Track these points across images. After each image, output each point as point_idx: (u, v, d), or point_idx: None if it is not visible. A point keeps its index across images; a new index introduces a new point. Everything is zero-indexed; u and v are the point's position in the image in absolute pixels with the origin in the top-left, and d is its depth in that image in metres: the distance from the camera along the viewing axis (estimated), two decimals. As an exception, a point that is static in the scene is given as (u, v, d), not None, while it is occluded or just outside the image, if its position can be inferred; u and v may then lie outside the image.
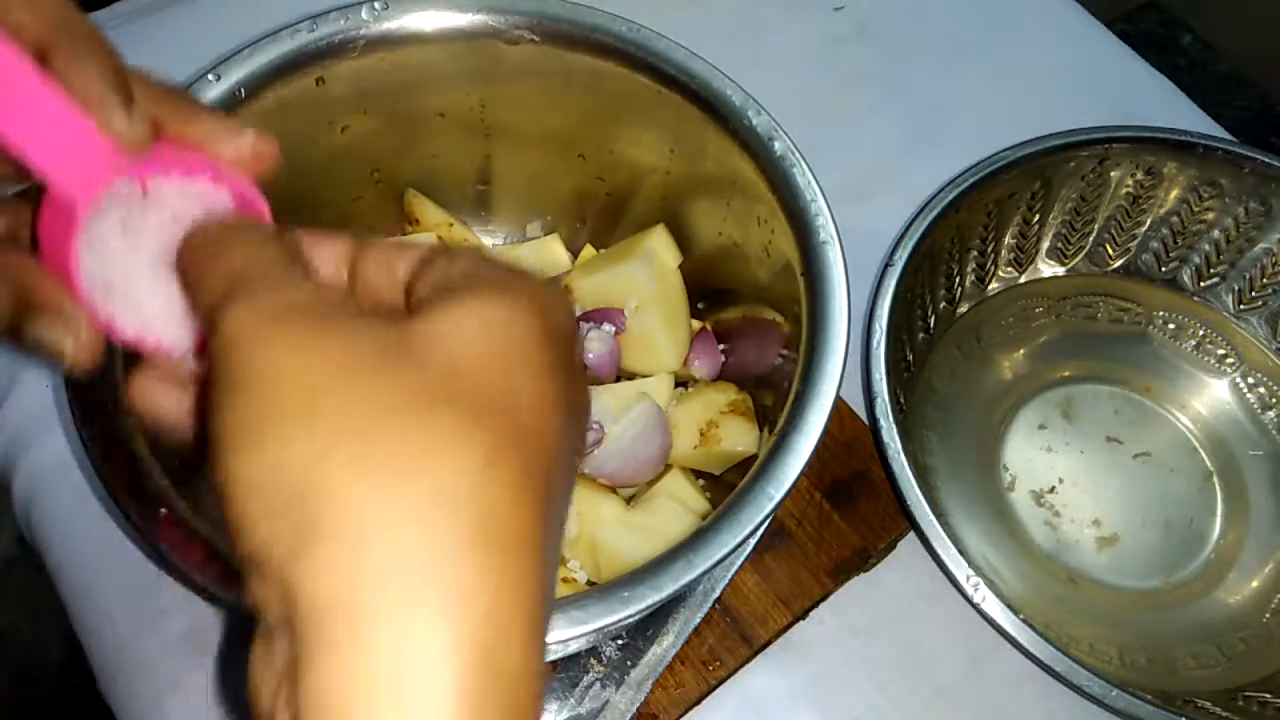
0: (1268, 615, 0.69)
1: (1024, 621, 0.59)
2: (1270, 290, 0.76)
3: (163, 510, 0.46)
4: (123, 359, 0.51)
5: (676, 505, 0.62)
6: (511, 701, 0.25)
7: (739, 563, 0.63)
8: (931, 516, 0.61)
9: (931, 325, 0.75)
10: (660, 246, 0.68)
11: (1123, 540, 0.72)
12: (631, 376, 0.68)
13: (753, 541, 0.63)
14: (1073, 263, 0.80)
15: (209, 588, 0.45)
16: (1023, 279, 0.79)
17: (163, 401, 0.36)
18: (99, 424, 0.48)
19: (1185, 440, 0.75)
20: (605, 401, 0.64)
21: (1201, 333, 0.78)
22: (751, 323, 0.65)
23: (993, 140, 0.74)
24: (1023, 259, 0.79)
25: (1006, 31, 0.95)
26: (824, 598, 0.66)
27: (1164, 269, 0.79)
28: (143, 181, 0.34)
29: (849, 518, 0.67)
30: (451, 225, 0.70)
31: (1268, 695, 0.64)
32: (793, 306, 0.56)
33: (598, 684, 0.60)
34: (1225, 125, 0.88)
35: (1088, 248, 0.79)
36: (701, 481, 0.66)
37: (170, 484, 0.48)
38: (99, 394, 0.49)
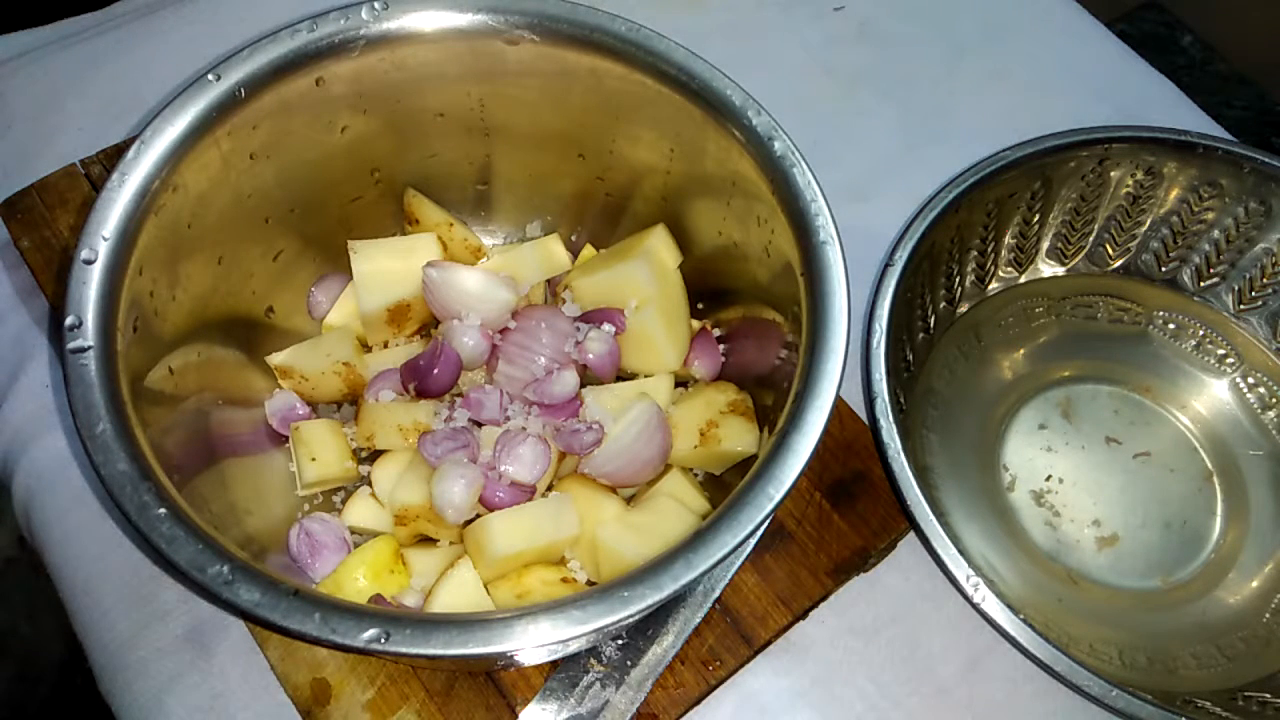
0: (1268, 615, 0.69)
1: (1024, 621, 0.59)
2: (1270, 290, 0.76)
3: (162, 510, 0.46)
4: (122, 355, 0.51)
5: (676, 505, 0.61)
6: None
7: (739, 563, 0.63)
8: (931, 516, 0.61)
9: (931, 325, 0.75)
10: (660, 246, 0.68)
11: (1123, 540, 0.72)
12: (631, 376, 0.68)
13: (753, 541, 0.63)
14: (1073, 263, 0.80)
15: (209, 587, 0.45)
16: (1023, 279, 0.79)
17: None
18: (101, 423, 0.48)
19: (1185, 440, 0.75)
20: (605, 401, 0.64)
21: (1201, 333, 0.78)
22: (751, 323, 0.65)
23: (993, 140, 0.74)
24: (1023, 259, 0.79)
25: (1006, 31, 0.95)
26: (824, 598, 0.66)
27: (1164, 269, 0.79)
28: None
29: (849, 518, 0.67)
30: (451, 225, 0.70)
31: (1268, 695, 0.64)
32: (793, 306, 0.56)
33: (598, 684, 0.60)
34: (1225, 125, 0.88)
35: (1088, 248, 0.79)
36: (701, 481, 0.66)
37: (172, 482, 0.49)
38: (100, 393, 0.49)
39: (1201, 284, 0.78)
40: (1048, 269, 0.80)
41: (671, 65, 0.59)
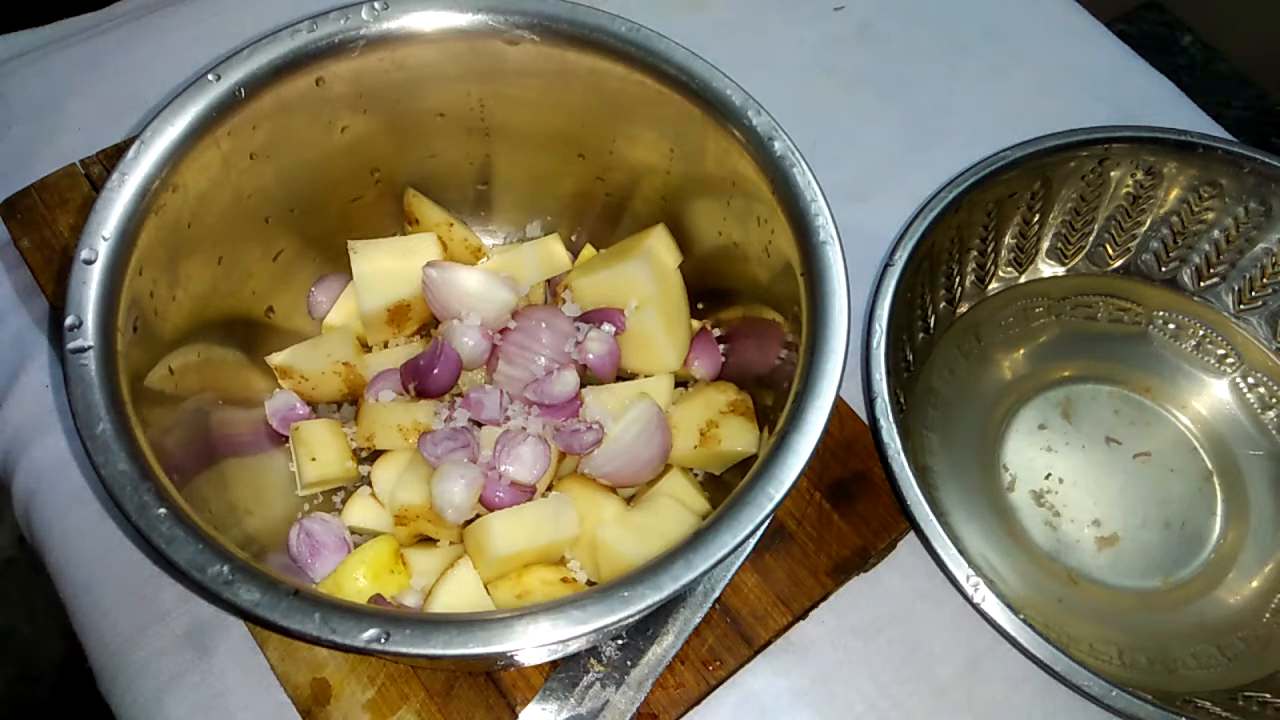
0: (1268, 615, 0.69)
1: (1024, 621, 0.59)
2: (1270, 290, 0.76)
3: (162, 510, 0.46)
4: (122, 354, 0.51)
5: (676, 505, 0.61)
6: None
7: (739, 563, 0.63)
8: (931, 516, 0.61)
9: (931, 325, 0.75)
10: (660, 246, 0.68)
11: (1123, 540, 0.72)
12: (631, 376, 0.68)
13: (753, 541, 0.63)
14: (1073, 263, 0.80)
15: (209, 587, 0.45)
16: (1023, 279, 0.79)
17: None
18: (101, 422, 0.48)
19: (1185, 440, 0.75)
20: (605, 401, 0.64)
21: (1201, 333, 0.78)
22: (751, 323, 0.65)
23: (993, 140, 0.74)
24: (1023, 259, 0.79)
25: (1006, 31, 0.95)
26: (824, 598, 0.66)
27: (1164, 269, 0.79)
28: None
29: (849, 518, 0.67)
30: (451, 225, 0.70)
31: (1268, 695, 0.64)
32: (793, 306, 0.56)
33: (598, 684, 0.60)
34: (1225, 125, 0.88)
35: (1088, 248, 0.79)
36: (701, 481, 0.66)
37: (172, 482, 0.49)
38: (100, 393, 0.49)
39: (1201, 284, 0.78)
40: (1048, 269, 0.80)
41: (671, 65, 0.59)
